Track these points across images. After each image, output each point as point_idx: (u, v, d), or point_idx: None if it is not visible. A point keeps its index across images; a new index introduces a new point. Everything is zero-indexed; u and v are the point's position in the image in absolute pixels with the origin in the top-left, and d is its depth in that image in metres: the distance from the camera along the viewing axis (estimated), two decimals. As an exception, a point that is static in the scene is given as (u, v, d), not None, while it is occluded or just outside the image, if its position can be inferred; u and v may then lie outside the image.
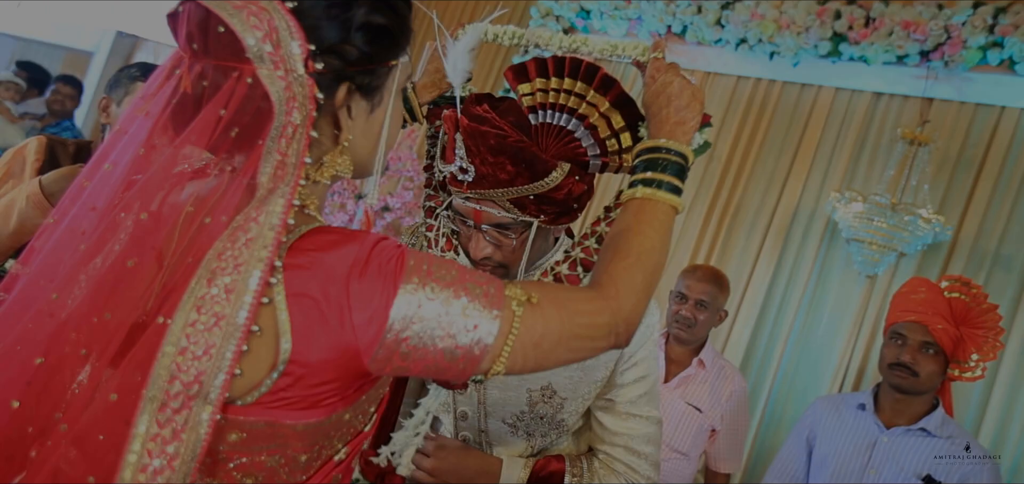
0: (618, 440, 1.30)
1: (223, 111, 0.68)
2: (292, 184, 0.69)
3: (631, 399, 1.30)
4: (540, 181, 1.12)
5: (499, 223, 1.17)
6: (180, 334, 0.64)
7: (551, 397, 1.28)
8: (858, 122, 3.52)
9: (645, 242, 0.88)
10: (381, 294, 0.70)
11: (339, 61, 0.74)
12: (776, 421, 3.36)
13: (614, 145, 1.13)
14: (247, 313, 0.65)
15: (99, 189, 0.72)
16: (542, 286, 0.82)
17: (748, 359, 3.47)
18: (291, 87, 0.69)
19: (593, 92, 1.10)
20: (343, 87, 0.75)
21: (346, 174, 0.82)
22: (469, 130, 1.10)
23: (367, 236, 0.74)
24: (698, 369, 2.54)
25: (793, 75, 3.69)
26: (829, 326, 3.35)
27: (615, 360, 1.28)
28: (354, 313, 0.70)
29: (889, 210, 2.99)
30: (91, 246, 0.69)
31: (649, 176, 0.94)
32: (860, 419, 2.17)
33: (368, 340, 0.70)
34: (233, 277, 0.65)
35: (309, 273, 0.70)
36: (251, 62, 0.68)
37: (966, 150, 3.26)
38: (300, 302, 0.69)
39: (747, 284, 3.56)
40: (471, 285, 0.74)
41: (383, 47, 0.78)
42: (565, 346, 0.79)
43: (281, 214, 0.68)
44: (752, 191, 3.69)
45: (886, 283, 3.24)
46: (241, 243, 0.66)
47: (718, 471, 2.59)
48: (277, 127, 0.69)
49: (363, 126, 0.81)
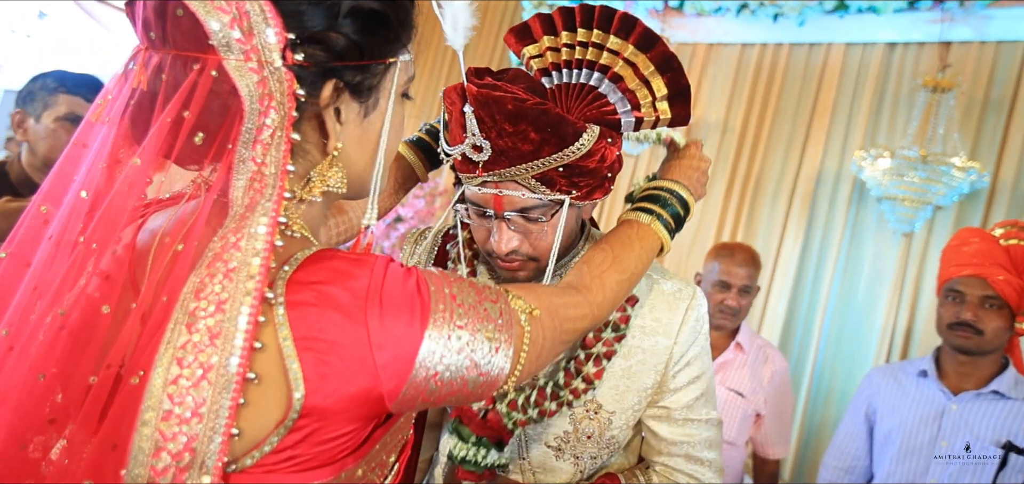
0: (677, 449, 1.16)
1: (186, 112, 0.57)
2: (275, 199, 0.58)
3: (687, 403, 1.15)
4: (570, 147, 0.94)
5: (524, 207, 0.99)
6: (161, 395, 0.51)
7: (597, 412, 1.13)
8: (874, 76, 3.40)
9: (633, 258, 0.95)
10: (407, 331, 0.61)
11: (323, 52, 0.62)
12: (823, 396, 3.24)
13: (646, 96, 0.97)
14: (239, 359, 0.53)
15: (61, 215, 0.60)
16: (535, 293, 0.78)
17: (787, 335, 3.36)
18: (266, 82, 0.59)
19: (613, 37, 0.96)
20: (329, 84, 0.64)
21: (339, 191, 0.69)
22: (481, 98, 0.92)
23: (375, 261, 0.63)
24: (737, 353, 2.39)
25: (800, 36, 3.59)
26: (868, 291, 3.23)
27: (665, 363, 1.13)
28: (376, 353, 0.60)
29: (920, 163, 2.85)
30: (52, 285, 0.58)
31: (651, 207, 1.03)
32: (923, 387, 2.02)
33: (393, 383, 0.61)
34: (217, 318, 0.53)
35: (318, 311, 0.59)
36: (216, 51, 0.58)
37: (992, 91, 3.13)
38: (313, 347, 0.58)
39: (777, 257, 3.45)
40: (488, 305, 0.69)
41: (378, 39, 0.66)
42: (552, 351, 0.79)
43: (266, 237, 0.56)
44: (771, 160, 3.59)
45: (923, 239, 3.13)
46: (221, 275, 0.55)
47: (767, 457, 2.45)
48: (249, 130, 0.58)
49: (357, 134, 0.69)
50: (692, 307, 1.14)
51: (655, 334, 1.12)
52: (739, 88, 3.75)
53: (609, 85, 0.97)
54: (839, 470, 2.17)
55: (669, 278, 1.17)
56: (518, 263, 1.05)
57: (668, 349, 1.12)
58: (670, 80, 0.97)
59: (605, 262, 0.92)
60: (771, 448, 2.42)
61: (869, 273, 3.25)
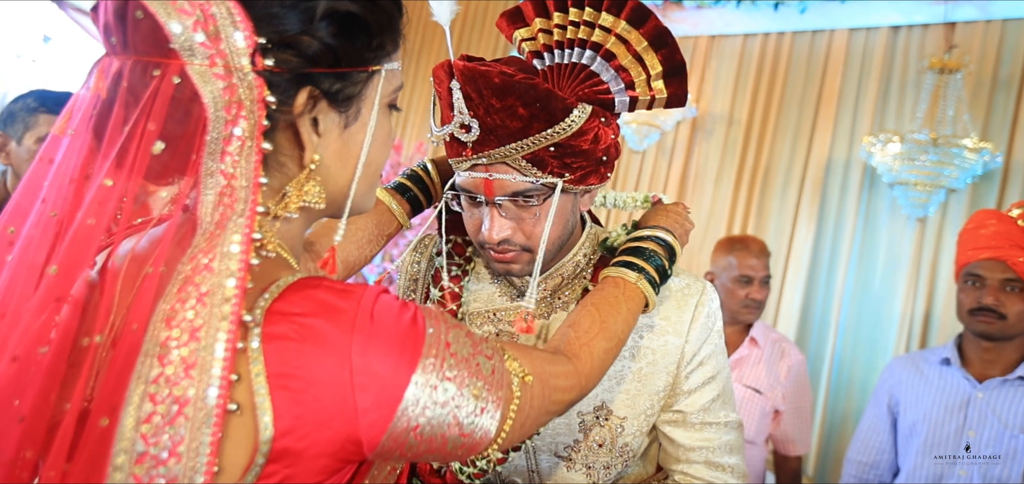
0: (696, 456, 1.10)
1: (148, 123, 0.54)
2: (247, 214, 0.54)
3: (704, 406, 1.10)
4: (560, 124, 0.91)
5: (516, 191, 0.95)
6: (133, 435, 0.47)
7: (607, 419, 1.08)
8: (879, 60, 3.36)
9: (620, 322, 0.91)
10: (393, 372, 0.57)
11: (296, 57, 0.58)
12: (843, 389, 3.18)
13: (640, 73, 0.94)
14: (218, 390, 0.49)
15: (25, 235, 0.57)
16: (530, 356, 0.75)
17: (804, 328, 3.30)
18: (234, 89, 0.55)
19: (604, 14, 0.94)
20: (304, 92, 0.60)
21: (317, 206, 0.65)
22: (467, 73, 0.89)
23: (363, 291, 0.59)
24: (752, 348, 2.34)
25: (802, 23, 3.55)
26: (884, 279, 3.17)
27: (676, 363, 1.08)
28: (358, 395, 0.55)
29: (930, 146, 2.80)
30: (19, 312, 0.54)
31: (636, 262, 0.97)
32: (947, 376, 1.96)
33: (374, 430, 0.57)
34: (191, 347, 0.49)
35: (297, 347, 0.54)
36: (178, 56, 0.54)
37: (1001, 70, 3.08)
38: (288, 385, 0.53)
39: (789, 248, 3.40)
40: (482, 359, 0.65)
41: (357, 45, 0.62)
42: (537, 422, 0.75)
43: (241, 256, 0.52)
44: (779, 150, 3.55)
45: (938, 223, 3.07)
46: (194, 300, 0.50)
47: (788, 454, 2.39)
48: (215, 140, 0.54)
49: (337, 146, 0.65)
50: (702, 303, 1.09)
51: (664, 333, 1.08)
52: (743, 79, 3.71)
53: (601, 63, 0.94)
54: (863, 465, 2.11)
55: (676, 273, 1.11)
56: (511, 255, 1.00)
57: (679, 348, 1.07)
58: (665, 57, 0.95)
59: (592, 328, 0.87)
60: (792, 445, 2.37)
61: (884, 260, 3.19)
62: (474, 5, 4.59)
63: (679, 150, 3.85)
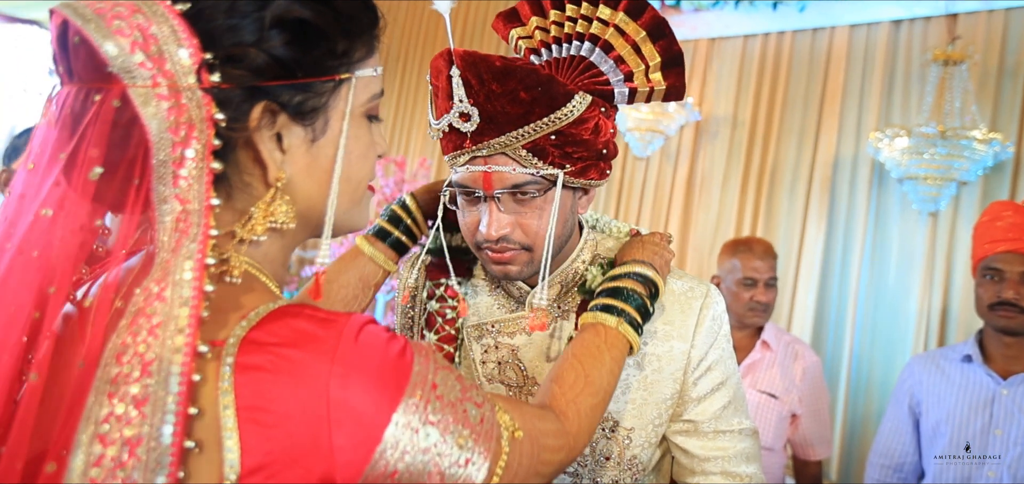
0: (711, 466, 1.06)
1: (90, 149, 0.52)
2: (200, 238, 0.51)
3: (715, 413, 1.06)
4: (561, 110, 0.90)
5: (516, 184, 0.93)
6: (81, 481, 0.44)
7: (613, 430, 1.04)
8: (882, 55, 3.32)
9: (605, 373, 0.87)
10: (374, 407, 0.53)
11: (243, 71, 0.55)
12: (863, 389, 3.11)
13: (638, 63, 0.94)
14: (173, 428, 0.45)
15: None
16: (521, 411, 0.71)
17: (819, 329, 3.25)
18: (183, 109, 0.52)
19: (601, 7, 0.94)
20: (258, 107, 0.56)
21: (287, 227, 0.61)
22: (468, 59, 0.88)
23: (347, 320, 0.55)
24: (764, 352, 2.28)
25: (802, 21, 3.52)
26: (898, 276, 3.12)
27: (683, 369, 1.05)
28: (334, 431, 0.51)
29: (938, 139, 2.75)
30: None
31: (614, 304, 0.93)
32: (969, 373, 1.90)
33: (350, 470, 0.52)
34: (143, 383, 0.45)
35: (270, 378, 0.51)
36: (117, 79, 0.52)
37: (1006, 60, 3.04)
38: (258, 418, 0.50)
39: (800, 249, 3.35)
40: (470, 407, 0.60)
41: (316, 53, 0.58)
42: (524, 481, 0.70)
43: (193, 283, 0.49)
44: (785, 150, 3.50)
45: (950, 217, 3.02)
46: (145, 332, 0.47)
47: (808, 460, 2.32)
48: (164, 163, 0.52)
49: (305, 163, 0.61)
50: (706, 306, 1.05)
51: (669, 339, 1.04)
52: (745, 81, 3.68)
53: (599, 54, 0.93)
54: (887, 469, 2.04)
55: (679, 276, 1.08)
56: (510, 254, 0.97)
57: (685, 354, 1.04)
58: (663, 47, 0.94)
59: (577, 383, 0.83)
60: (811, 449, 2.30)
61: (898, 257, 3.14)
62: (474, 8, 4.57)
63: (684, 155, 3.81)
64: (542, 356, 1.06)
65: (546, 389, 0.83)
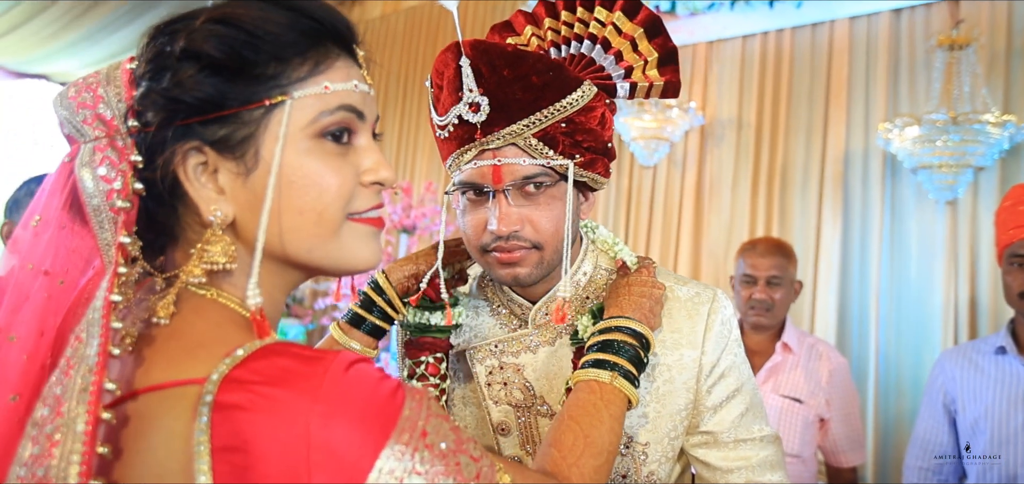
0: (735, 477, 1.03)
1: (55, 201, 0.59)
2: (109, 276, 0.52)
3: (733, 422, 1.03)
4: (571, 95, 0.92)
5: (526, 176, 0.92)
6: None
7: (628, 447, 1.02)
8: (885, 45, 3.27)
9: (605, 432, 0.83)
10: (358, 449, 0.50)
11: (159, 112, 0.55)
12: (893, 388, 3.03)
13: (636, 59, 0.97)
14: (79, 469, 0.45)
15: None
16: (523, 475, 0.68)
17: (843, 330, 3.18)
18: (122, 154, 0.56)
19: (598, 9, 0.97)
20: (180, 147, 0.57)
21: (227, 267, 0.58)
22: (480, 47, 0.89)
23: (335, 357, 0.52)
24: (785, 354, 2.22)
25: (800, 18, 3.48)
26: (920, 268, 3.05)
27: (695, 378, 1.02)
28: (314, 473, 0.48)
29: (950, 125, 2.71)
30: None
31: (605, 358, 0.90)
32: (1004, 365, 1.83)
33: None
34: (55, 423, 0.46)
35: (248, 417, 0.49)
36: (74, 139, 0.58)
37: (1014, 40, 2.99)
38: (232, 460, 0.48)
39: (817, 248, 3.29)
40: (466, 461, 0.55)
41: (238, 82, 0.56)
42: None
43: (101, 321, 0.49)
44: (793, 148, 3.46)
45: (970, 204, 2.95)
46: (60, 371, 0.50)
47: (841, 466, 2.24)
48: (98, 208, 0.56)
49: (245, 198, 0.58)
50: (714, 311, 1.04)
51: (678, 347, 1.02)
52: (747, 81, 3.64)
53: (599, 51, 0.97)
54: (925, 471, 1.97)
55: (684, 283, 1.07)
56: (519, 253, 0.95)
57: (696, 361, 1.02)
58: (659, 45, 0.97)
59: (577, 446, 0.80)
60: (843, 456, 2.22)
61: (918, 249, 3.07)
62: (469, 21, 4.57)
63: (691, 161, 3.77)
64: (548, 373, 1.04)
65: (545, 454, 0.79)
